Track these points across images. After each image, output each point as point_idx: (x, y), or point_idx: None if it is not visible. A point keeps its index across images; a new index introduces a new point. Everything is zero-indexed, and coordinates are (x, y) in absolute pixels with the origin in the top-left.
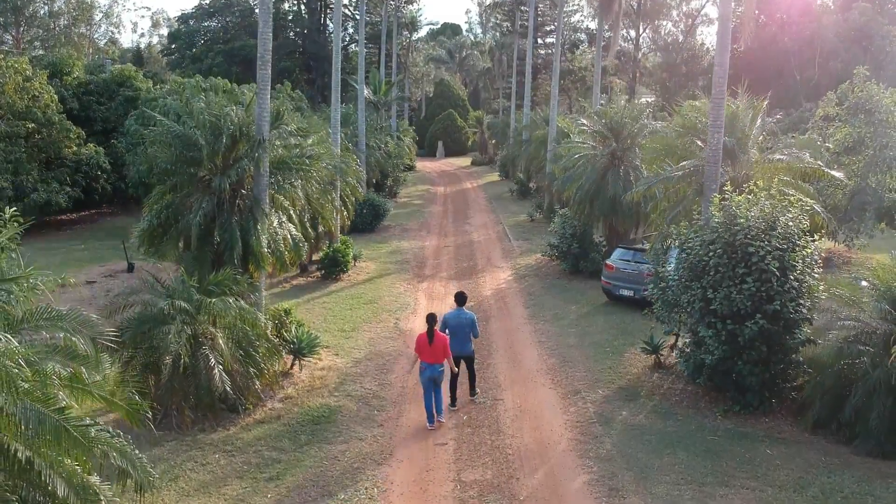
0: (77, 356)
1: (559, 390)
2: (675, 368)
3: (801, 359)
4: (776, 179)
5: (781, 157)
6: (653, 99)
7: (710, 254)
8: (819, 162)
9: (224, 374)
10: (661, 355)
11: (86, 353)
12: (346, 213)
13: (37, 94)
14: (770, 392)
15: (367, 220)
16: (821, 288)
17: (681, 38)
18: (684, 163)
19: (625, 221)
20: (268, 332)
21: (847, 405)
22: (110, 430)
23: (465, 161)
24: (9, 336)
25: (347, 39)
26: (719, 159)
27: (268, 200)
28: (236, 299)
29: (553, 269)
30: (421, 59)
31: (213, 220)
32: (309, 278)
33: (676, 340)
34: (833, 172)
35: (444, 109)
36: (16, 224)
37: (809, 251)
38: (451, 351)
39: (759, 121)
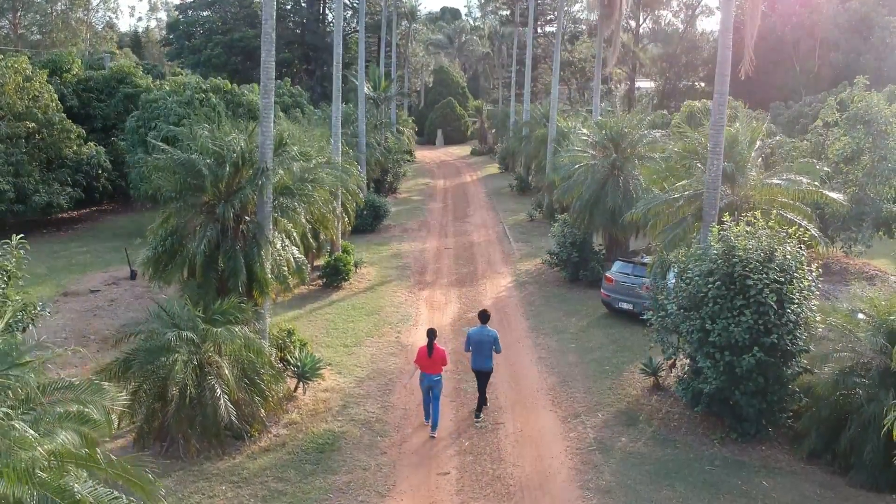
0: (89, 420)
1: (559, 413)
2: (674, 390)
3: (797, 389)
4: (776, 202)
5: (779, 181)
6: (653, 87)
7: (709, 285)
8: (816, 183)
9: (230, 403)
10: (660, 377)
11: (98, 420)
12: (347, 219)
13: (37, 94)
14: (767, 420)
15: (367, 221)
16: (818, 318)
17: (681, 27)
18: (684, 183)
19: (624, 231)
20: (272, 358)
21: (842, 437)
22: None
23: (464, 150)
24: (26, 427)
25: (347, 29)
26: (718, 185)
27: (271, 226)
28: (241, 328)
29: (553, 276)
30: (421, 49)
31: (218, 247)
32: (311, 286)
33: (674, 363)
34: (831, 194)
35: (444, 97)
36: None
37: (807, 283)
38: (473, 366)
39: (759, 143)
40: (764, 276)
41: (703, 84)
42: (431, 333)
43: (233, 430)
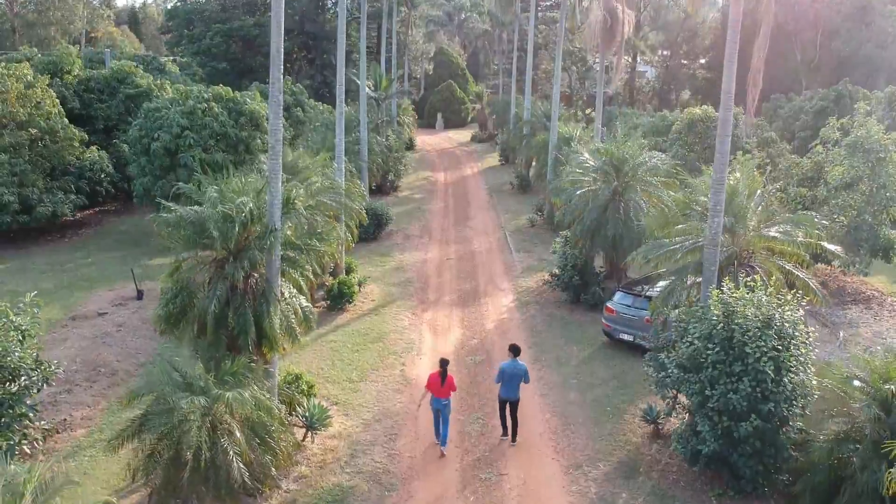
0: None
1: (562, 462)
2: (673, 448)
3: (794, 453)
4: (775, 253)
5: (777, 234)
6: (653, 72)
7: (709, 350)
8: (816, 231)
9: (242, 465)
10: (660, 424)
11: None
12: (350, 237)
13: (39, 100)
14: (764, 480)
15: (370, 230)
16: (814, 383)
17: (682, 15)
18: (683, 227)
19: (625, 256)
20: (282, 415)
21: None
22: None
23: (464, 135)
24: None
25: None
26: (718, 242)
27: (279, 281)
28: (252, 388)
29: (554, 296)
30: (420, 35)
31: (228, 304)
32: (316, 307)
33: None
34: (829, 246)
35: (444, 80)
36: (35, 311)
37: (805, 351)
38: (502, 395)
39: (759, 191)
40: (762, 343)
41: (703, 71)
42: (444, 363)
43: (245, 488)
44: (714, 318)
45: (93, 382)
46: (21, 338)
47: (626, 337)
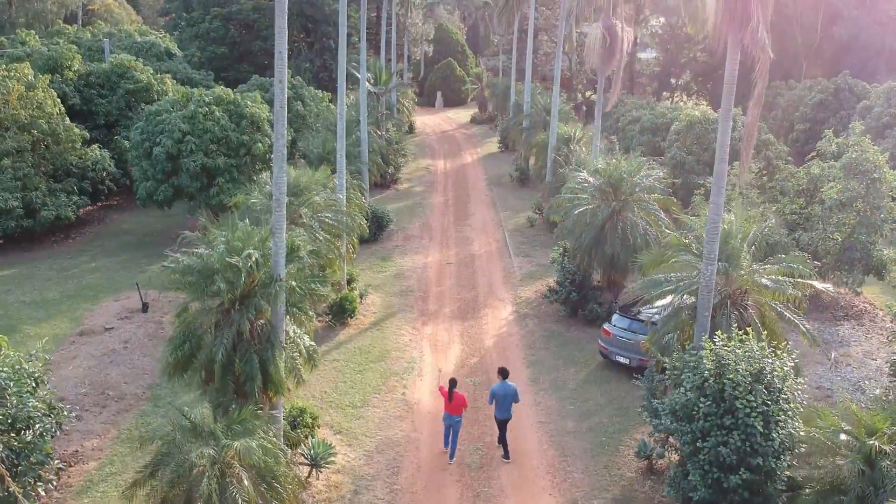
0: None
1: (558, 498)
2: (665, 492)
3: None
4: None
5: (768, 283)
6: (654, 56)
7: (701, 403)
8: (806, 272)
9: None
10: (653, 461)
11: None
12: (352, 248)
13: (40, 102)
14: None
15: (370, 231)
16: (801, 433)
17: None
18: (678, 261)
19: (622, 272)
20: (288, 458)
21: None
22: None
23: (464, 115)
24: None
25: None
26: (712, 289)
27: (284, 327)
28: (259, 435)
29: (552, 309)
30: (420, 16)
31: (234, 349)
32: (318, 322)
33: (665, 451)
34: (818, 285)
35: (444, 57)
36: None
37: (793, 406)
38: (497, 415)
39: (752, 233)
40: (752, 398)
41: (704, 55)
42: (453, 383)
43: None
44: (706, 371)
45: (102, 408)
46: (35, 384)
47: (622, 360)
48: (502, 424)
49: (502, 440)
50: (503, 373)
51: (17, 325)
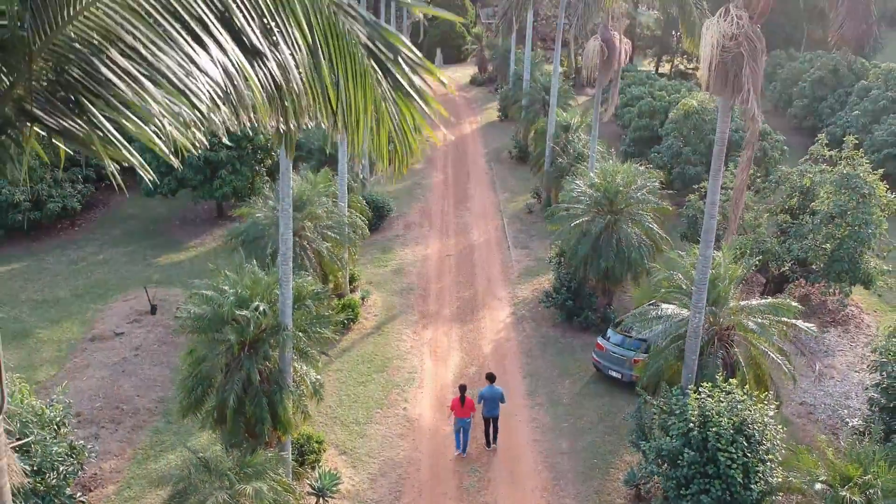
0: None
1: None
2: (654, 490)
3: None
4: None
5: (754, 327)
6: (654, 18)
7: (686, 452)
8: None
9: None
10: (641, 489)
11: None
12: (354, 251)
13: None
14: None
15: (371, 222)
16: (779, 480)
17: None
18: (671, 290)
19: (616, 283)
20: (296, 495)
21: None
22: None
23: (464, 75)
24: None
25: None
26: (699, 335)
27: (291, 371)
28: (269, 476)
29: (549, 313)
30: None
31: (245, 391)
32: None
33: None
34: (802, 325)
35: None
36: (67, 401)
37: (771, 457)
38: (484, 414)
39: (740, 269)
40: (734, 451)
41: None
42: (462, 388)
43: None
44: (692, 422)
45: (117, 424)
46: (56, 428)
47: (615, 374)
48: (488, 420)
49: (487, 433)
50: (490, 377)
51: (30, 330)
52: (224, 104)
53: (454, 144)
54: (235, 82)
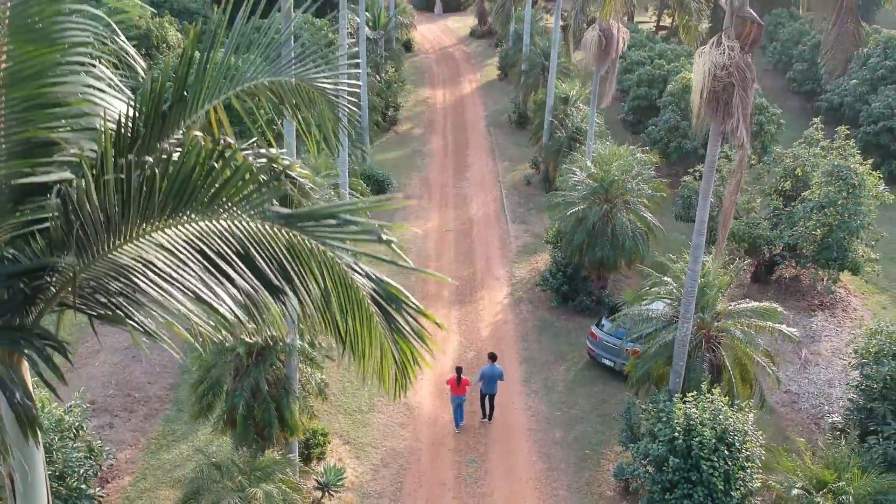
0: None
1: None
2: (642, 490)
3: None
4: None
5: (739, 335)
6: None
7: (671, 458)
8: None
9: None
10: (629, 483)
11: None
12: None
13: None
14: None
15: (372, 195)
16: (759, 485)
17: None
18: (658, 291)
19: (611, 271)
20: (303, 492)
21: None
22: None
23: (463, 25)
24: None
25: None
26: (686, 344)
27: (297, 378)
28: (278, 478)
29: (545, 296)
30: None
31: (253, 397)
32: None
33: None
34: (784, 329)
35: None
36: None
37: (751, 465)
38: (483, 390)
39: (728, 277)
40: (716, 459)
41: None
42: (459, 370)
43: None
44: (677, 430)
45: (130, 413)
46: (75, 432)
47: (607, 363)
48: (485, 397)
49: (483, 406)
50: (492, 357)
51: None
52: (248, 322)
53: (453, 105)
54: (258, 307)
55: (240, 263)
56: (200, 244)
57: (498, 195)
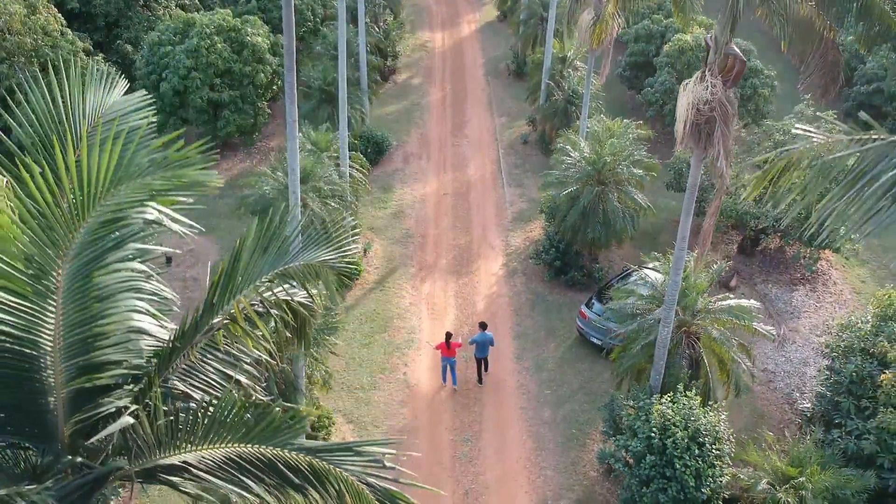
0: None
1: (532, 497)
2: (622, 476)
3: None
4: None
5: (717, 336)
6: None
7: (647, 456)
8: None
9: None
10: (612, 465)
11: None
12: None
13: (44, 24)
14: None
15: (371, 157)
16: (728, 479)
17: None
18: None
19: (602, 248)
20: None
21: None
22: None
23: None
24: None
25: None
26: (667, 345)
27: (304, 375)
28: None
29: (539, 269)
30: None
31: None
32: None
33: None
34: (762, 329)
35: None
36: None
37: (719, 463)
38: (476, 355)
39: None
40: (687, 458)
41: None
42: (448, 336)
43: None
44: (654, 430)
45: None
46: None
47: (595, 341)
48: (479, 361)
49: (479, 370)
50: (482, 325)
51: None
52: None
53: (452, 50)
54: (283, 492)
55: (268, 471)
56: (237, 459)
57: (495, 156)
